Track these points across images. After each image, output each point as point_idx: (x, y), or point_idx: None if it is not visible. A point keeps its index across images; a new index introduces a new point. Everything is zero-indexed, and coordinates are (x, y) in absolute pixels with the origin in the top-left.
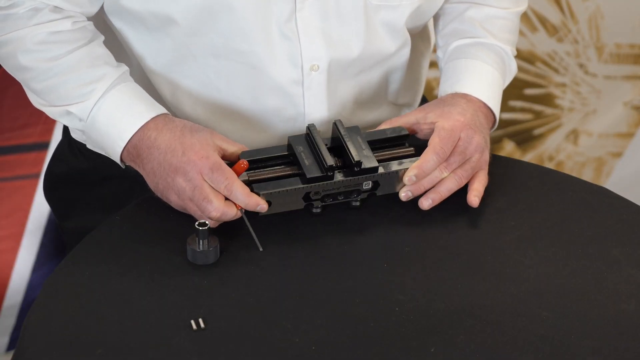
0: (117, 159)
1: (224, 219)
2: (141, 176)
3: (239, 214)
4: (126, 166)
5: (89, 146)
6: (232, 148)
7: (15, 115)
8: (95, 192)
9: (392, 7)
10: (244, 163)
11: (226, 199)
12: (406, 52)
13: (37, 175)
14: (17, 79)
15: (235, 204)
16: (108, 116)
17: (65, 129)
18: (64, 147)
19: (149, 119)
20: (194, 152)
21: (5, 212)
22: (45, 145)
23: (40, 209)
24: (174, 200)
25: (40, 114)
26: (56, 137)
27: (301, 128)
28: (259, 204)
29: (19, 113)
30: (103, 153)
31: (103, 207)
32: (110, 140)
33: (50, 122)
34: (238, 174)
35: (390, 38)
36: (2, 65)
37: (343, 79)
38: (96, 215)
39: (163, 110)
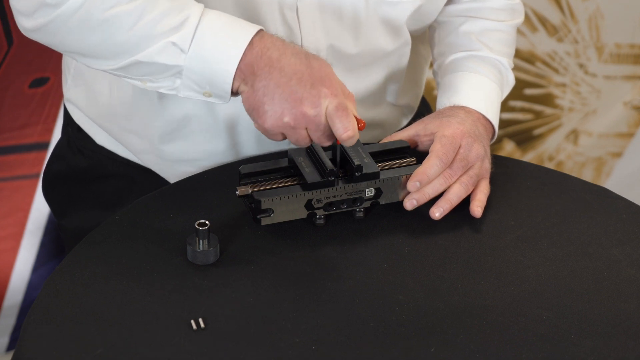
0: (228, 82)
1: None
2: (139, 175)
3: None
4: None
5: (182, 94)
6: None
7: (15, 115)
8: (93, 190)
9: (393, 3)
10: (362, 122)
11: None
12: (406, 52)
13: (37, 175)
14: (91, 45)
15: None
16: (215, 34)
17: (65, 127)
18: (63, 146)
19: (258, 29)
20: (324, 86)
21: (5, 212)
22: (45, 145)
23: (40, 209)
24: (271, 122)
25: (40, 113)
26: (56, 137)
27: None
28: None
29: (19, 113)
30: (204, 90)
31: (101, 205)
32: (221, 61)
33: (50, 122)
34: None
35: (390, 36)
36: (68, 44)
37: (341, 74)
38: (94, 213)
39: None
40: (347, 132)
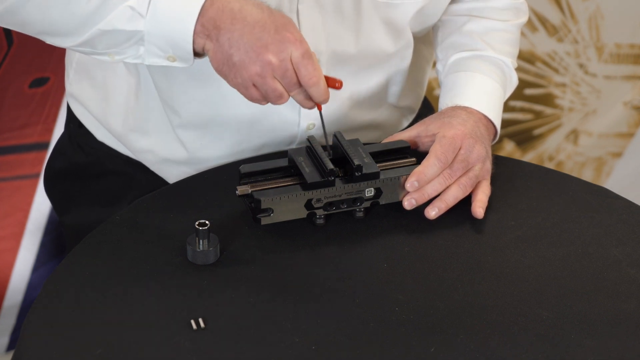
0: (189, 41)
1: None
2: (139, 172)
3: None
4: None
5: (147, 61)
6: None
7: (15, 115)
8: (94, 186)
9: (394, 4)
10: (338, 81)
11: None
12: (408, 54)
13: (37, 175)
14: (53, 21)
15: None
16: None
17: (67, 124)
18: (64, 141)
19: None
20: (288, 32)
21: (5, 212)
22: (45, 145)
23: (40, 209)
24: (242, 74)
25: (40, 113)
26: (56, 138)
27: (297, 121)
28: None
29: (19, 113)
30: (167, 55)
31: (101, 202)
32: (180, 20)
33: (50, 122)
34: (328, 85)
35: (391, 37)
36: (32, 23)
37: (342, 75)
38: (94, 210)
39: None
40: (311, 79)
